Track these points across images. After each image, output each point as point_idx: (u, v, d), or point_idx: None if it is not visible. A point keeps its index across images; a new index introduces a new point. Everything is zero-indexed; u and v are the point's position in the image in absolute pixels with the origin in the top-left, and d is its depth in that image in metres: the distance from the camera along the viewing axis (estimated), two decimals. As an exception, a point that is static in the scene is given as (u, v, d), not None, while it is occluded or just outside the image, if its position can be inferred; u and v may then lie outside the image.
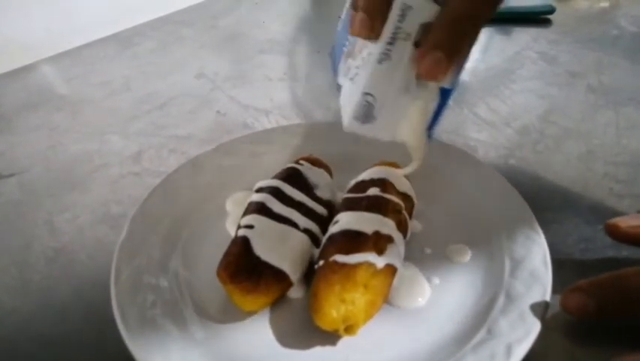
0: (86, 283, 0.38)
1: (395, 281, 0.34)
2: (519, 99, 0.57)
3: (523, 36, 0.70)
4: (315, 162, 0.41)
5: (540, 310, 0.31)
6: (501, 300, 0.32)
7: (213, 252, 0.36)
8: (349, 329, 0.31)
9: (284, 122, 0.53)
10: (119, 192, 0.46)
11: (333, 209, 0.38)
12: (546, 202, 0.42)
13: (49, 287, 0.38)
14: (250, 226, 0.34)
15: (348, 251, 0.32)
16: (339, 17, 0.36)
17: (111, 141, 0.53)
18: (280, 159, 0.43)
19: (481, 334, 0.31)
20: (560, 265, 0.35)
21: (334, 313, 0.30)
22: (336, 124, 0.48)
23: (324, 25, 0.75)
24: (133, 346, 0.30)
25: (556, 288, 0.33)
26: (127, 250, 0.36)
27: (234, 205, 0.41)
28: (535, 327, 0.30)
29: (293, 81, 0.63)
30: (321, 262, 0.33)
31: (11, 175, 0.48)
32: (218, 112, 0.57)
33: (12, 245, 0.41)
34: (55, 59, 0.66)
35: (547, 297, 0.32)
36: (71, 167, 0.49)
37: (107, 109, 0.58)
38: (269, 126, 0.49)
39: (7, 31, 0.62)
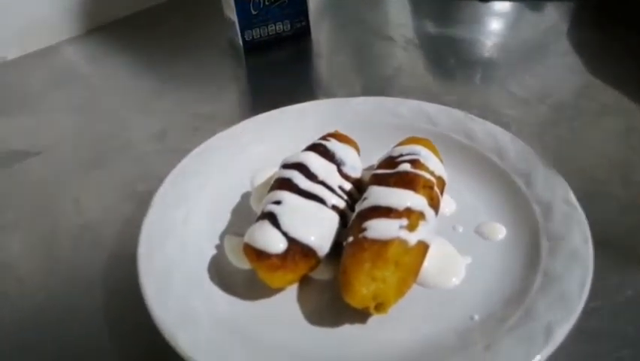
0: (112, 260, 0.38)
1: (428, 260, 0.33)
2: (553, 75, 0.54)
3: (556, 10, 0.67)
4: (342, 138, 0.40)
5: (582, 290, 0.30)
6: (539, 280, 0.31)
7: (239, 229, 0.36)
8: (380, 307, 0.30)
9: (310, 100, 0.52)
10: (145, 170, 0.45)
11: (360, 186, 0.37)
12: (585, 180, 0.40)
13: (76, 264, 0.38)
14: (278, 202, 0.34)
15: (378, 228, 0.31)
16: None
17: (136, 119, 0.52)
18: (307, 135, 0.42)
19: (519, 315, 0.29)
20: (602, 245, 0.33)
21: (364, 291, 0.29)
22: (362, 101, 0.48)
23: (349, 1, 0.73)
24: (159, 321, 0.30)
25: (598, 267, 0.31)
26: (152, 227, 0.35)
27: (259, 182, 0.41)
28: (576, 308, 0.29)
29: (318, 58, 0.62)
30: (350, 239, 0.32)
31: (38, 153, 0.48)
32: (241, 90, 0.57)
33: (39, 223, 0.41)
34: (80, 39, 0.66)
35: (589, 277, 0.30)
36: (97, 145, 0.49)
37: (132, 88, 0.57)
38: (296, 104, 0.48)
39: (31, 11, 0.62)
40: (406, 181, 0.34)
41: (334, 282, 0.33)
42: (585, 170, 0.42)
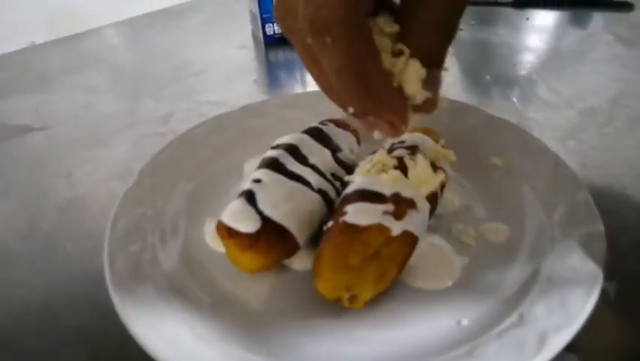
0: (93, 234, 0.36)
1: (418, 256, 0.29)
2: (586, 81, 0.50)
3: (600, 20, 0.63)
4: (340, 124, 0.37)
5: (587, 298, 0.26)
6: (540, 285, 0.27)
7: (221, 211, 0.33)
8: (354, 300, 0.27)
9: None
10: (142, 150, 0.44)
11: (356, 174, 0.34)
12: (608, 188, 0.36)
13: (56, 235, 0.36)
14: (258, 180, 0.31)
15: (359, 212, 0.28)
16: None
17: (143, 102, 0.51)
18: (307, 123, 0.40)
19: (511, 320, 0.26)
20: (618, 255, 0.29)
21: (337, 279, 0.26)
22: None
23: None
24: (116, 297, 0.27)
25: (612, 278, 0.27)
26: (131, 198, 0.34)
27: (253, 168, 0.38)
28: (578, 316, 0.25)
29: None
30: (330, 223, 0.29)
31: (41, 129, 0.48)
32: (254, 81, 0.55)
33: (28, 193, 0.41)
34: (107, 28, 0.66)
35: (598, 286, 0.26)
36: (100, 125, 0.48)
37: (146, 74, 0.57)
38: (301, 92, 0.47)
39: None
40: (399, 167, 0.31)
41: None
42: (611, 177, 0.38)
